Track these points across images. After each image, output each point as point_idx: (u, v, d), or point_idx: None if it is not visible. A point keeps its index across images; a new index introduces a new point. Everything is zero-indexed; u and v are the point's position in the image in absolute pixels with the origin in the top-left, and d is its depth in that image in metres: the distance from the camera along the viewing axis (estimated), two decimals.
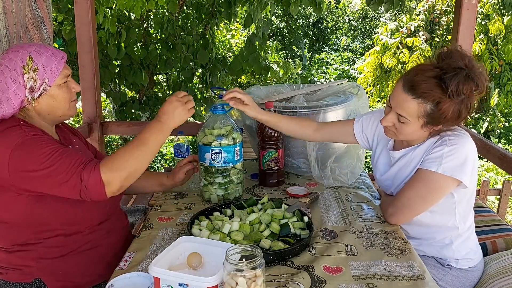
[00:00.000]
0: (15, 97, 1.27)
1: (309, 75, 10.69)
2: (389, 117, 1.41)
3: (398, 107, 1.37)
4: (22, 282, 1.34)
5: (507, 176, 5.00)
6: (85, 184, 1.19)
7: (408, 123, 1.37)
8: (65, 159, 1.22)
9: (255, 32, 4.32)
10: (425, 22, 6.89)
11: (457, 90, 1.27)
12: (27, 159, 1.21)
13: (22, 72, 1.27)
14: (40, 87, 1.30)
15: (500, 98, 6.61)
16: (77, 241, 1.38)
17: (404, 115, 1.36)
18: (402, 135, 1.43)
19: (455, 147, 1.37)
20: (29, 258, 1.33)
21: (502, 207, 3.07)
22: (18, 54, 1.29)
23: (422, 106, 1.32)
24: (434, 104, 1.31)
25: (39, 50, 1.31)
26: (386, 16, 13.05)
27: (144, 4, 4.22)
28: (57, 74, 1.32)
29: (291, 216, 1.44)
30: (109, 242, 1.46)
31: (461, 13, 2.39)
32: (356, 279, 1.16)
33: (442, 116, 1.32)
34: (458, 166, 1.37)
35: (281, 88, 2.22)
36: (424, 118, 1.34)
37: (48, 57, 1.31)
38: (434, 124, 1.37)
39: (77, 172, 1.20)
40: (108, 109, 7.05)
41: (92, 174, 1.20)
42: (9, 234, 1.33)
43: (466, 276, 1.52)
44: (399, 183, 1.52)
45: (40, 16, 1.98)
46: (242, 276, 0.94)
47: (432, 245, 1.53)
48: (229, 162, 1.60)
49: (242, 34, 7.74)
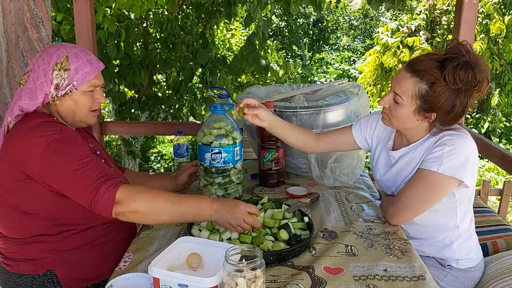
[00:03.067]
0: (40, 89, 1.33)
1: (309, 74, 10.70)
2: (386, 97, 1.43)
3: (396, 85, 1.39)
4: (34, 274, 1.37)
5: (508, 176, 5.00)
6: (98, 197, 1.21)
7: (403, 104, 1.38)
8: (93, 167, 1.25)
9: (255, 31, 4.31)
10: (425, 21, 6.89)
11: (454, 74, 1.29)
12: (58, 157, 1.25)
13: (54, 68, 1.33)
14: (66, 87, 1.35)
15: (501, 98, 6.61)
16: (92, 235, 1.41)
17: (400, 94, 1.38)
18: (395, 119, 1.43)
19: (456, 146, 1.37)
20: (45, 249, 1.36)
21: (503, 207, 3.06)
22: (57, 51, 1.35)
23: (418, 86, 1.34)
24: (429, 85, 1.32)
25: (78, 53, 1.37)
26: (387, 16, 13.04)
27: (143, 4, 4.21)
28: (86, 80, 1.37)
29: (291, 216, 1.43)
30: (120, 238, 1.49)
31: (461, 12, 2.38)
32: (357, 279, 1.16)
33: (435, 100, 1.33)
34: (458, 166, 1.36)
35: (281, 88, 2.21)
36: (417, 100, 1.35)
37: (83, 62, 1.37)
38: (426, 111, 1.36)
39: (97, 184, 1.22)
40: (108, 109, 7.05)
41: (109, 190, 1.22)
42: (30, 225, 1.35)
43: (467, 276, 1.52)
44: (399, 183, 1.51)
45: (38, 16, 1.98)
46: (242, 277, 0.93)
47: (432, 245, 1.52)
48: (229, 162, 1.60)
49: (242, 34, 7.73)
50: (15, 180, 1.30)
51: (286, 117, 1.86)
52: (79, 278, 1.40)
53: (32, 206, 1.33)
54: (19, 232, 1.37)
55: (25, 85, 1.35)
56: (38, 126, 1.29)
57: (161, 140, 8.36)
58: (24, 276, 1.37)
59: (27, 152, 1.26)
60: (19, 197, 1.32)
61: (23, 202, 1.32)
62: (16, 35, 1.86)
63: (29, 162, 1.26)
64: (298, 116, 1.85)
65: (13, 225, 1.37)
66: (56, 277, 1.37)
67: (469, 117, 7.39)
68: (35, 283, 1.37)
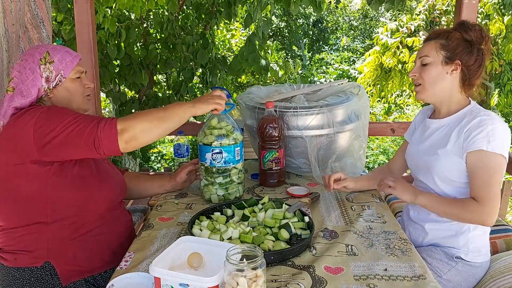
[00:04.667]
0: (32, 85, 1.39)
1: (309, 75, 10.69)
2: (414, 68, 1.57)
3: (421, 51, 1.56)
4: (32, 267, 1.38)
5: (508, 176, 5.00)
6: (100, 130, 1.27)
7: (431, 62, 1.52)
8: (86, 116, 1.33)
9: (255, 31, 4.32)
10: (425, 22, 6.88)
11: (463, 27, 1.51)
12: (50, 120, 1.30)
13: (39, 64, 1.40)
14: (55, 77, 1.42)
15: (500, 98, 6.60)
16: (88, 224, 1.43)
17: (425, 54, 1.53)
18: (428, 83, 1.53)
19: (496, 126, 1.43)
20: (41, 238, 1.38)
21: (502, 207, 3.06)
22: (37, 49, 1.43)
23: (438, 42, 1.52)
24: (445, 38, 1.51)
25: (56, 47, 1.46)
26: (386, 16, 13.05)
27: (144, 4, 4.21)
28: (71, 67, 1.45)
29: (292, 216, 1.44)
30: (116, 231, 1.51)
31: (461, 13, 2.39)
32: (357, 279, 1.16)
33: (455, 47, 1.49)
34: (504, 143, 1.43)
35: (281, 88, 2.21)
36: (441, 51, 1.51)
37: (63, 53, 1.45)
38: (451, 59, 1.50)
39: (95, 122, 1.29)
40: (108, 109, 7.05)
41: (108, 123, 1.29)
42: (26, 211, 1.37)
43: (470, 272, 1.52)
44: (427, 159, 1.55)
45: (39, 16, 1.98)
46: (243, 276, 0.93)
47: (449, 228, 1.53)
48: (229, 162, 1.60)
49: (242, 34, 7.74)
50: (12, 163, 1.33)
51: (286, 117, 1.86)
52: (75, 270, 1.41)
53: (27, 190, 1.34)
54: (15, 220, 1.38)
55: (15, 90, 1.39)
56: (27, 111, 1.35)
57: (161, 140, 8.36)
58: (22, 270, 1.38)
59: (21, 130, 1.31)
60: (15, 181, 1.34)
61: (19, 186, 1.34)
62: (17, 36, 1.86)
63: (24, 139, 1.30)
64: (298, 116, 1.85)
65: (9, 212, 1.39)
66: (54, 269, 1.38)
67: None
68: (33, 276, 1.37)
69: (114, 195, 1.52)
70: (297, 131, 1.86)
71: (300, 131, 1.85)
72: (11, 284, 1.39)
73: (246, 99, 2.05)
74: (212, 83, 4.81)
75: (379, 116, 8.87)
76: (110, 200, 1.50)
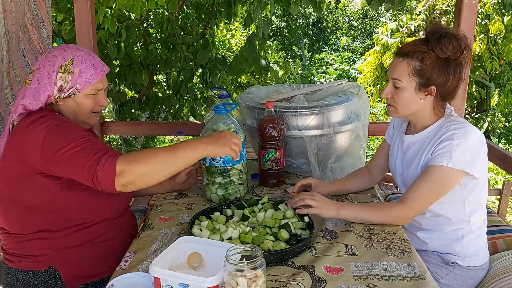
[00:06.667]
0: (44, 90, 1.35)
1: (309, 75, 10.69)
2: (386, 89, 1.49)
3: (392, 72, 1.46)
4: (35, 270, 1.38)
5: (508, 176, 5.00)
6: (99, 169, 1.21)
7: (403, 87, 1.44)
8: (92, 145, 1.27)
9: (255, 32, 4.32)
10: (425, 22, 6.87)
11: (439, 44, 1.39)
12: (58, 139, 1.26)
13: (58, 70, 1.36)
14: (69, 89, 1.37)
15: (501, 98, 6.60)
16: (93, 232, 1.42)
17: (398, 78, 1.44)
18: (400, 106, 1.48)
19: (463, 140, 1.39)
20: (47, 246, 1.37)
21: (502, 207, 3.06)
22: (63, 53, 1.38)
23: (411, 65, 1.42)
24: (420, 60, 1.41)
25: (83, 56, 1.39)
26: (386, 16, 13.04)
27: (144, 4, 4.21)
28: (90, 84, 1.39)
29: (292, 216, 1.44)
30: (120, 237, 1.51)
31: (461, 13, 2.39)
32: (357, 279, 1.16)
33: (430, 73, 1.40)
34: (468, 159, 1.38)
35: (281, 88, 2.21)
36: (414, 77, 1.42)
37: (88, 65, 1.38)
38: (425, 86, 1.42)
39: (97, 157, 1.23)
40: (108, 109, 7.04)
41: (109, 161, 1.22)
42: (32, 221, 1.36)
43: (469, 275, 1.52)
44: (408, 171, 1.54)
45: (39, 16, 1.98)
46: (243, 276, 0.93)
47: (442, 237, 1.52)
48: (228, 162, 1.60)
49: (242, 34, 7.74)
50: (20, 175, 1.32)
51: (286, 117, 1.86)
52: (80, 275, 1.41)
53: (35, 201, 1.34)
54: (22, 228, 1.38)
55: (30, 84, 1.37)
56: (38, 119, 1.32)
57: (161, 140, 8.35)
58: (25, 272, 1.38)
59: (30, 143, 1.28)
60: (23, 192, 1.33)
61: (27, 197, 1.34)
62: (17, 36, 1.86)
63: (32, 152, 1.28)
64: (298, 116, 1.85)
65: (16, 220, 1.38)
66: (58, 273, 1.38)
67: (469, 117, 7.39)
68: (36, 279, 1.38)
69: (121, 204, 1.52)
70: (297, 131, 1.86)
71: (300, 131, 1.85)
72: (14, 285, 1.40)
73: (246, 99, 2.05)
74: (212, 83, 4.81)
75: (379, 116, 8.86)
76: (117, 208, 1.50)
